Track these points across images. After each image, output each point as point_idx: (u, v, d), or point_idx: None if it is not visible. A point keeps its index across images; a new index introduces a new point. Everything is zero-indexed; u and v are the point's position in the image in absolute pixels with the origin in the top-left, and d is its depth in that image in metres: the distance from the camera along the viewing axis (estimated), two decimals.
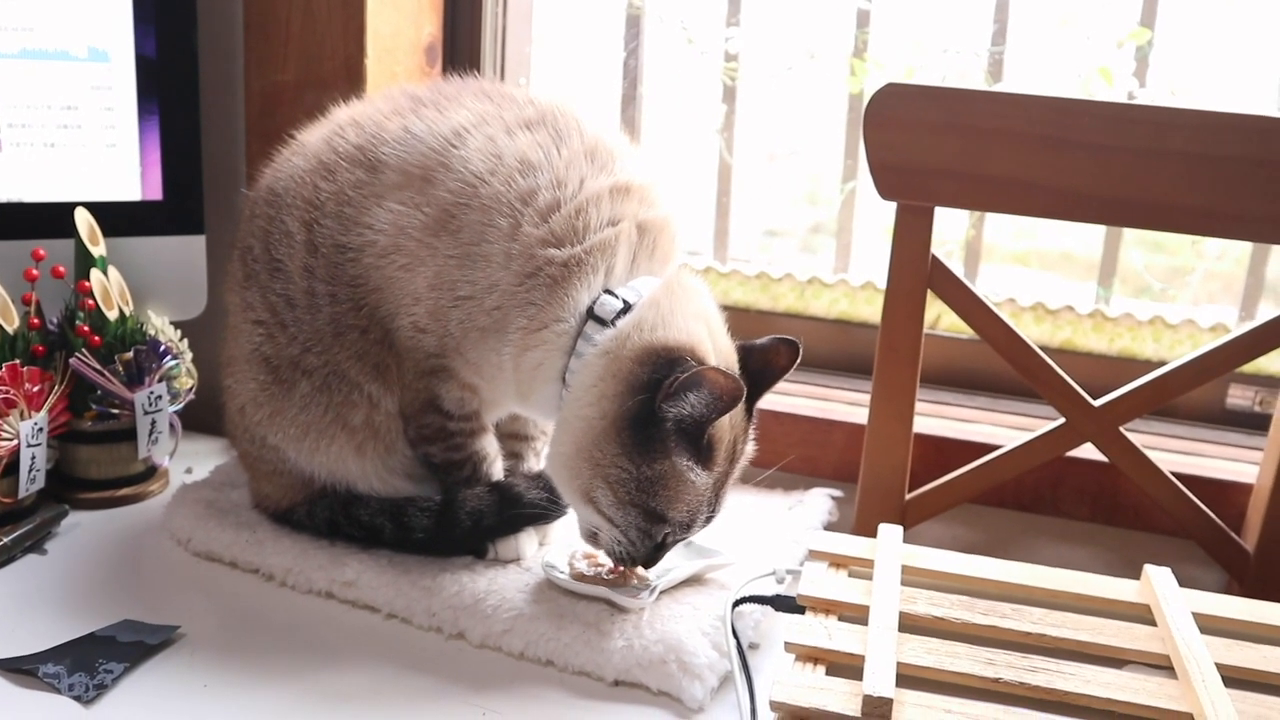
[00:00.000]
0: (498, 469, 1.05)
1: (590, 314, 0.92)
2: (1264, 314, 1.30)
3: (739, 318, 1.43)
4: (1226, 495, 1.14)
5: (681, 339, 0.91)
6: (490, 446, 1.04)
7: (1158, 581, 0.90)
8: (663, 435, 0.89)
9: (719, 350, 0.94)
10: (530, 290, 0.92)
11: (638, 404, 0.89)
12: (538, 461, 1.13)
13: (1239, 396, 1.27)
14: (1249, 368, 1.15)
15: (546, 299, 0.92)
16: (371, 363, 0.99)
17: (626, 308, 0.93)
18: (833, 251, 1.50)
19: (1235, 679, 0.79)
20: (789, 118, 1.55)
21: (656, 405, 0.88)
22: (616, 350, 0.91)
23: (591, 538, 0.96)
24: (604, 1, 1.55)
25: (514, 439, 1.12)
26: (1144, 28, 1.34)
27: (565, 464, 0.93)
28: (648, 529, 0.92)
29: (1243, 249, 1.35)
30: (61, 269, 1.17)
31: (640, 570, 0.98)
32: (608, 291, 0.93)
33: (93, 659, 0.89)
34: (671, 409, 0.88)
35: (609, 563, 0.99)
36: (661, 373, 0.88)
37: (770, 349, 0.97)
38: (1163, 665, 0.81)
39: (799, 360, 0.97)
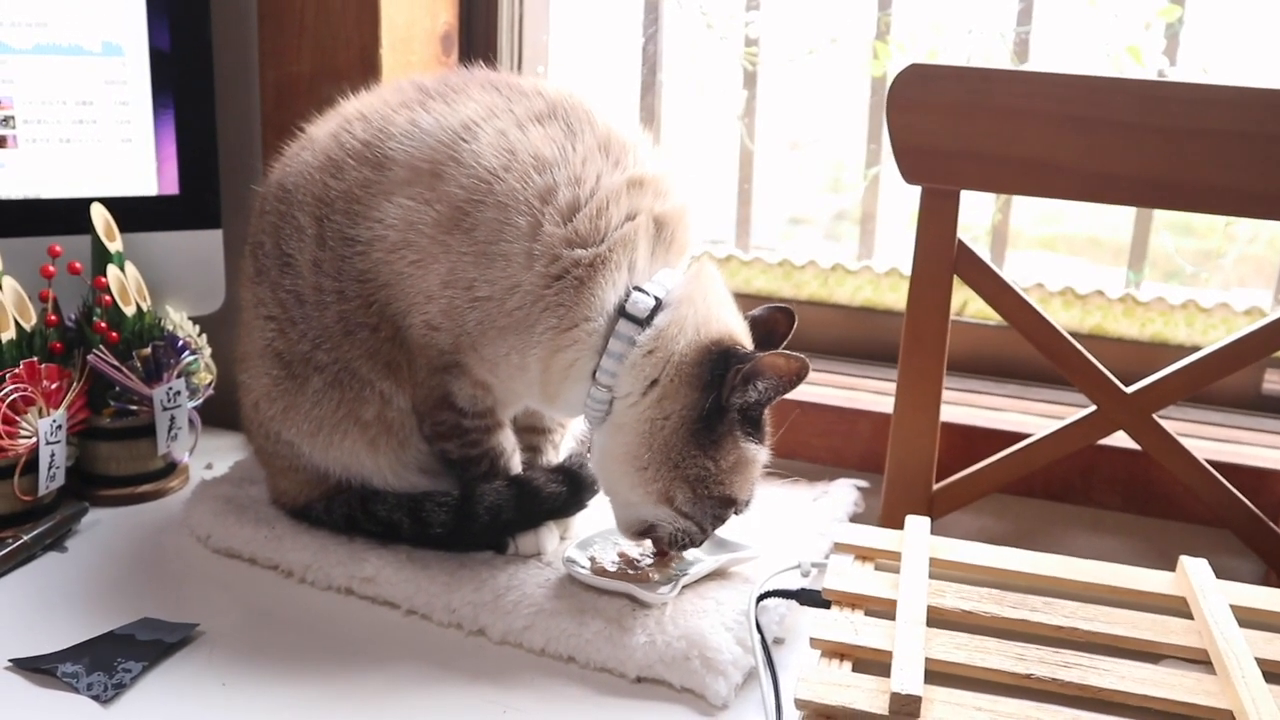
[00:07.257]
0: (516, 463, 1.04)
1: (621, 312, 0.92)
2: None
3: (762, 306, 1.42)
4: (1264, 483, 1.11)
5: (725, 330, 0.93)
6: (507, 442, 1.03)
7: (1194, 573, 0.88)
8: (729, 425, 0.91)
9: (744, 330, 0.96)
10: (559, 292, 0.91)
11: (708, 402, 0.90)
12: (556, 455, 1.12)
13: (1276, 381, 1.24)
14: None
15: (575, 299, 0.91)
16: (383, 360, 0.98)
17: (658, 303, 0.92)
18: (856, 239, 1.48)
19: (1277, 674, 0.76)
20: (811, 102, 1.53)
21: (724, 400, 0.90)
22: (664, 350, 0.91)
23: (646, 530, 0.95)
24: None
25: (531, 433, 1.10)
26: (1174, 4, 1.31)
27: (635, 469, 0.92)
28: (721, 514, 0.94)
29: (1275, 231, 1.32)
30: (78, 265, 1.17)
31: (674, 556, 0.99)
32: (637, 289, 0.92)
33: (111, 658, 0.88)
34: (737, 399, 0.90)
35: (634, 555, 0.99)
36: (720, 368, 0.90)
37: (769, 319, 0.99)
38: (1200, 660, 0.79)
39: (795, 327, 0.99)
